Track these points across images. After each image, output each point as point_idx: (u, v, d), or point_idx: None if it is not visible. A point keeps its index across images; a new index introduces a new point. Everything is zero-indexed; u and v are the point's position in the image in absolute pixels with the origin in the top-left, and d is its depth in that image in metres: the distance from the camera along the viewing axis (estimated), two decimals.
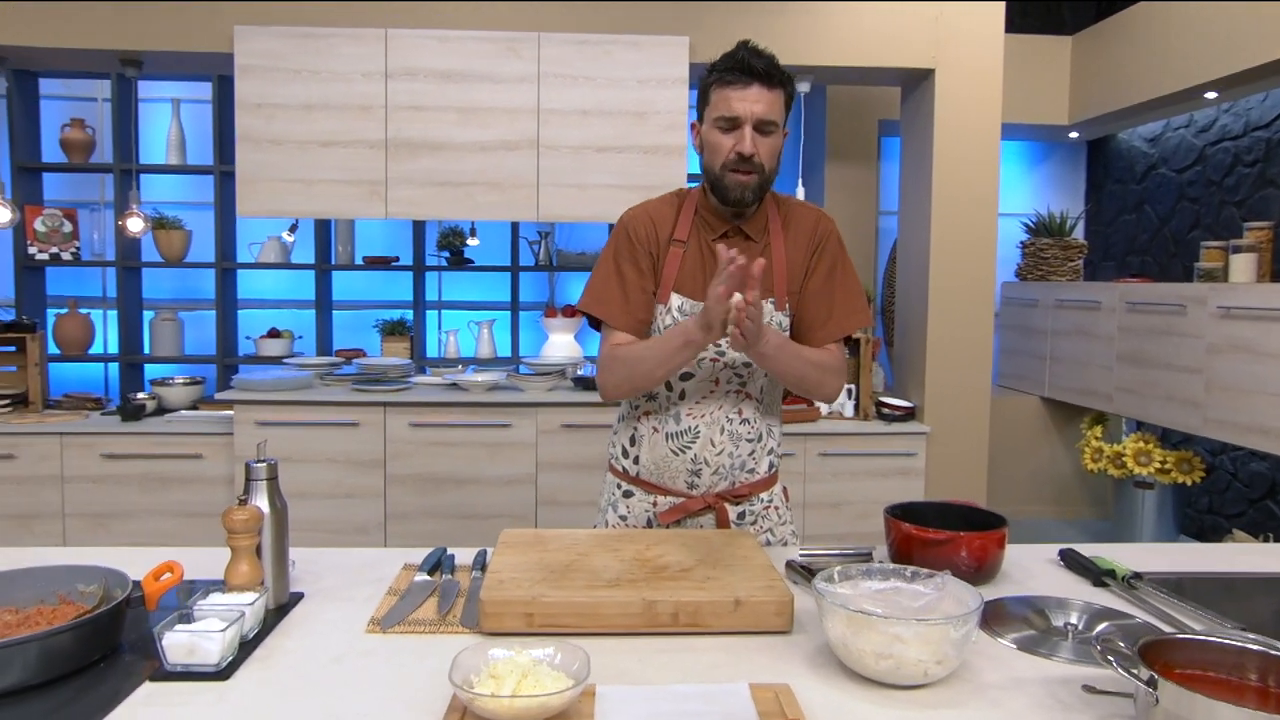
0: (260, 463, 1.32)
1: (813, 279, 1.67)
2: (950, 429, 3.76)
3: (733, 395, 1.66)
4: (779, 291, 1.65)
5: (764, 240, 1.66)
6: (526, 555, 1.41)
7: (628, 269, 1.65)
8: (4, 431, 3.46)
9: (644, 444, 1.69)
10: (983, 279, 3.72)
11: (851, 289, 1.70)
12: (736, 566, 1.38)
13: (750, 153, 1.53)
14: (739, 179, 1.56)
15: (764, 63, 1.52)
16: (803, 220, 1.69)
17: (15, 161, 4.38)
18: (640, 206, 1.72)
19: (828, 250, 1.69)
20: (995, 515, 1.56)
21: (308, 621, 1.28)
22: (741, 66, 1.52)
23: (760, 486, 1.74)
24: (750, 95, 1.52)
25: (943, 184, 3.67)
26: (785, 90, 1.56)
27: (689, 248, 1.65)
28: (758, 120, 1.53)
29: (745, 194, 1.57)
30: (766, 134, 1.55)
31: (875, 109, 4.60)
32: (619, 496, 1.74)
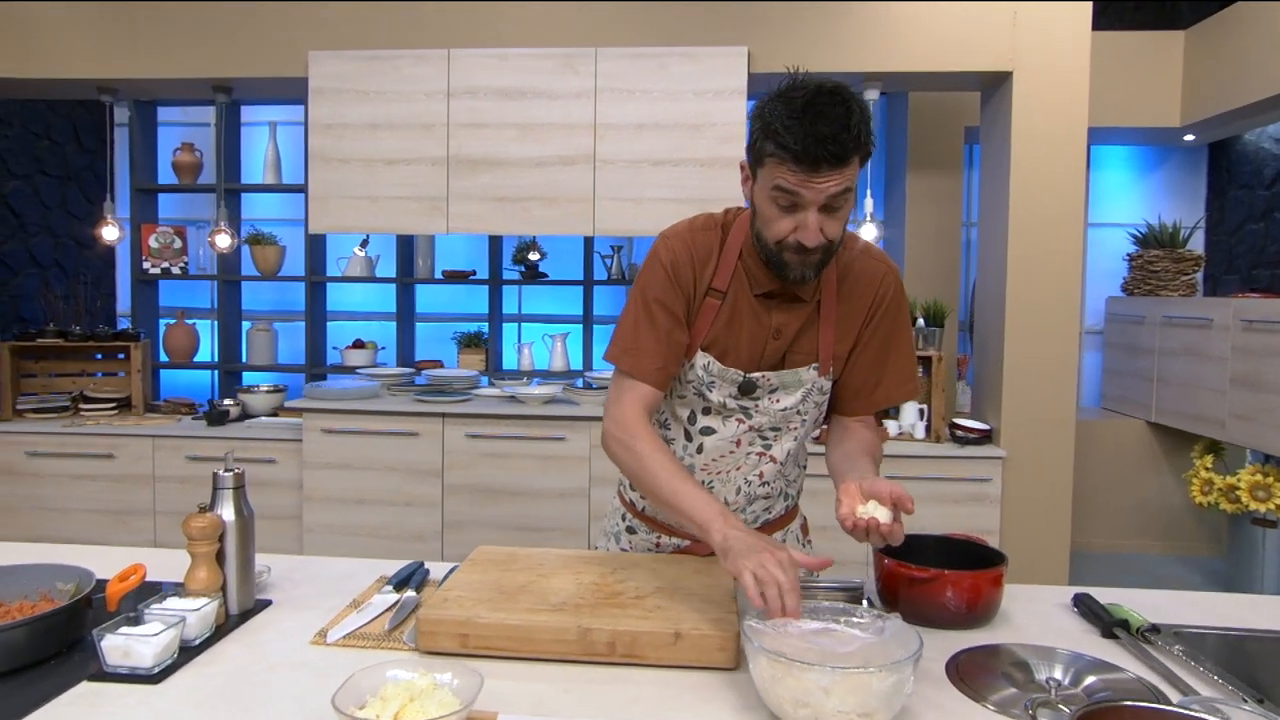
0: (227, 472, 1.35)
1: (866, 348, 1.46)
2: (1030, 454, 3.51)
3: (754, 458, 1.51)
4: (824, 358, 1.44)
5: (814, 298, 1.42)
6: (486, 574, 1.40)
7: (663, 318, 1.41)
8: (105, 433, 3.75)
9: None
10: (1067, 294, 3.47)
11: (904, 357, 1.49)
12: (696, 596, 1.32)
13: (818, 244, 1.26)
14: (799, 260, 1.30)
15: (833, 147, 1.18)
16: (863, 278, 1.44)
17: (134, 183, 4.75)
18: (680, 237, 1.45)
19: (887, 315, 1.46)
20: (996, 552, 1.44)
21: (263, 630, 1.30)
22: (806, 156, 1.19)
23: (774, 526, 1.64)
24: (819, 178, 1.21)
25: (1022, 193, 3.45)
26: (862, 154, 1.23)
27: (726, 300, 1.42)
28: (831, 198, 1.23)
29: (807, 275, 1.32)
30: (837, 209, 1.26)
31: (961, 115, 4.39)
32: (622, 529, 1.66)
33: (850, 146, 1.20)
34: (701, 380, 1.45)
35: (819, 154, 1.19)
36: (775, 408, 1.46)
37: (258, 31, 3.63)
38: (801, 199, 1.24)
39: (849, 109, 1.20)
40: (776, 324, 1.43)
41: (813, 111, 1.19)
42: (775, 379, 1.44)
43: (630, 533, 1.65)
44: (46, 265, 5.00)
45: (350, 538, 3.59)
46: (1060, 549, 3.53)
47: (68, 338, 4.05)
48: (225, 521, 1.34)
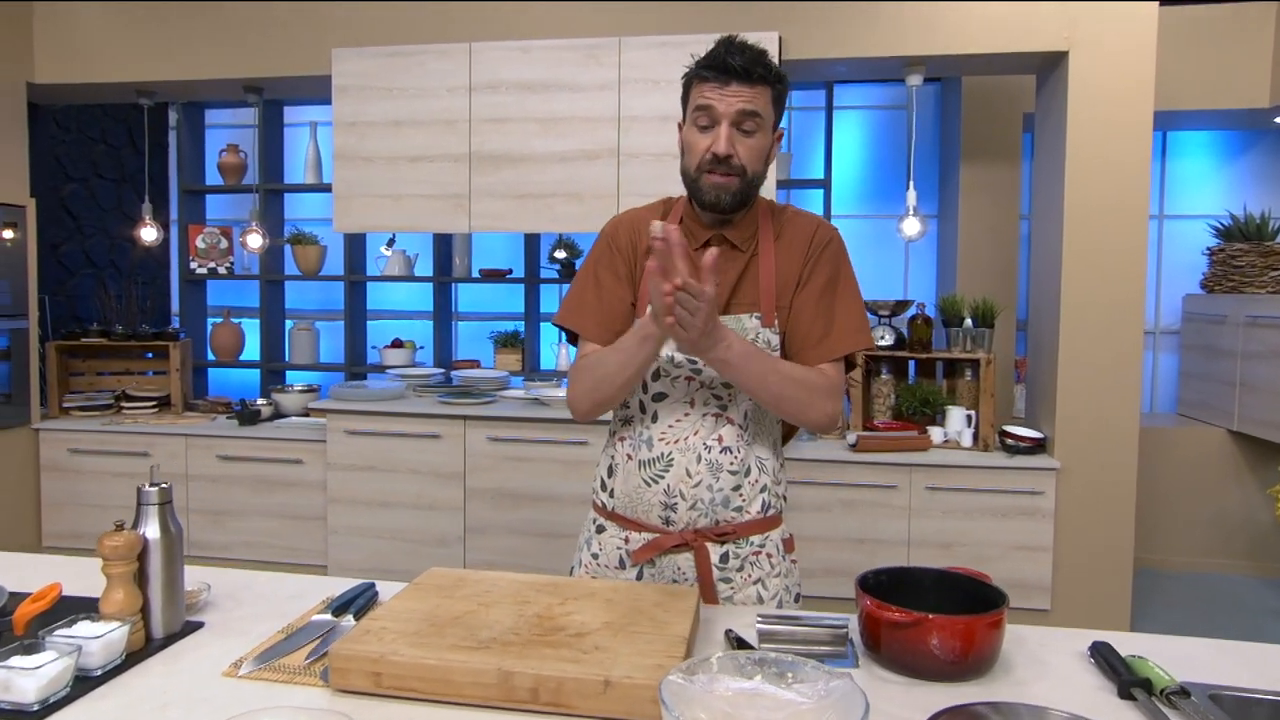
0: (151, 487, 1.28)
1: (806, 289, 1.48)
2: (1087, 466, 3.25)
3: (710, 419, 1.47)
4: (765, 306, 1.47)
5: (751, 249, 1.49)
6: (423, 601, 1.29)
7: (606, 277, 1.54)
8: (142, 431, 3.80)
9: (619, 474, 1.53)
10: (1130, 292, 3.18)
11: (851, 305, 1.51)
12: (645, 635, 1.18)
13: (726, 152, 1.38)
14: (715, 180, 1.41)
15: (744, 59, 1.36)
16: (798, 229, 1.52)
17: (181, 185, 4.84)
18: (624, 214, 1.60)
19: (825, 259, 1.50)
20: (998, 592, 1.26)
21: (181, 657, 1.22)
22: (718, 64, 1.37)
23: (751, 529, 1.51)
24: (729, 90, 1.37)
25: (1079, 183, 3.18)
26: (773, 87, 1.40)
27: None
28: (737, 115, 1.38)
29: (722, 197, 1.41)
30: (748, 133, 1.40)
31: (1019, 100, 4.11)
32: (593, 532, 1.59)
33: (758, 67, 1.37)
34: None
35: (730, 64, 1.36)
36: None
37: (283, 31, 3.62)
38: (715, 112, 1.38)
39: (760, 50, 1.40)
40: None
41: (728, 41, 1.39)
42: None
43: (600, 532, 1.57)
44: (102, 266, 5.14)
45: (374, 540, 3.55)
46: (1121, 569, 3.25)
47: (110, 337, 4.13)
48: (148, 540, 1.26)
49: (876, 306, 3.66)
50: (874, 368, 3.65)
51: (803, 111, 4.66)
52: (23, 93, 3.80)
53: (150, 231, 4.06)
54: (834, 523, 3.36)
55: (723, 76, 1.37)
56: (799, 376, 1.42)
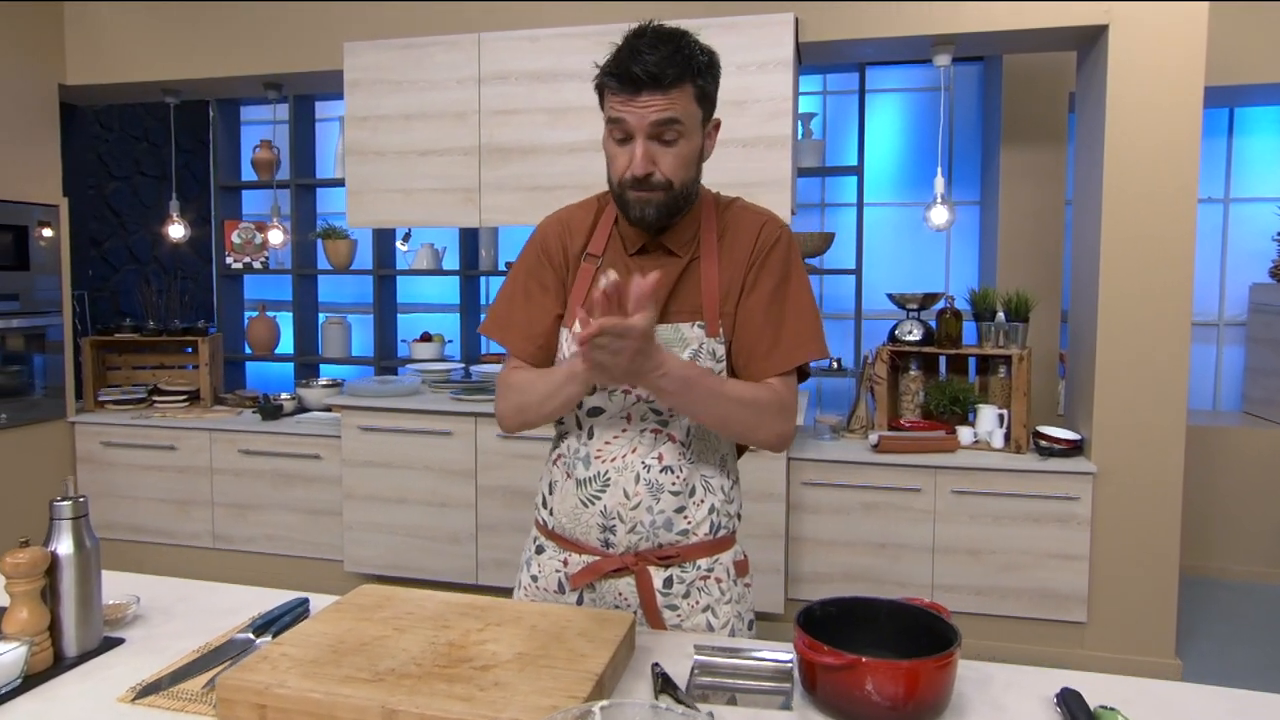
0: (64, 501, 1.24)
1: (751, 296, 1.36)
2: (1127, 470, 3.03)
3: (649, 436, 1.37)
4: (709, 314, 1.35)
5: (691, 254, 1.37)
6: (336, 624, 1.23)
7: (533, 288, 1.43)
8: (169, 425, 3.87)
9: (557, 492, 1.44)
10: (1175, 283, 2.95)
11: (803, 312, 1.38)
12: (554, 669, 1.10)
13: (643, 172, 1.26)
14: (638, 197, 1.29)
15: (652, 63, 1.21)
16: (741, 229, 1.39)
17: (217, 182, 4.92)
18: (557, 214, 1.48)
19: (772, 263, 1.37)
20: (950, 629, 1.13)
21: (87, 678, 1.18)
22: (623, 74, 1.23)
23: (698, 551, 1.40)
24: (639, 102, 1.23)
25: (1119, 166, 2.96)
26: (694, 84, 1.25)
27: (603, 264, 1.39)
28: (651, 128, 1.24)
29: (647, 213, 1.30)
30: (669, 142, 1.26)
31: (1062, 79, 3.87)
32: (533, 552, 1.50)
33: (669, 69, 1.21)
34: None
35: (635, 73, 1.21)
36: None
37: (298, 26, 3.62)
38: (628, 125, 1.25)
39: (671, 39, 1.24)
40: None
41: (637, 39, 1.24)
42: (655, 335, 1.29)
43: (539, 552, 1.48)
44: (145, 261, 5.27)
45: (389, 537, 3.55)
46: (1164, 580, 3.04)
47: (142, 332, 4.22)
48: (59, 556, 1.23)
49: (904, 299, 3.48)
50: (901, 364, 3.49)
51: (835, 96, 4.48)
52: (55, 94, 3.89)
53: (178, 228, 4.12)
54: (854, 526, 3.22)
55: (629, 87, 1.23)
56: (746, 398, 1.31)
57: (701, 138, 1.32)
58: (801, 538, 3.26)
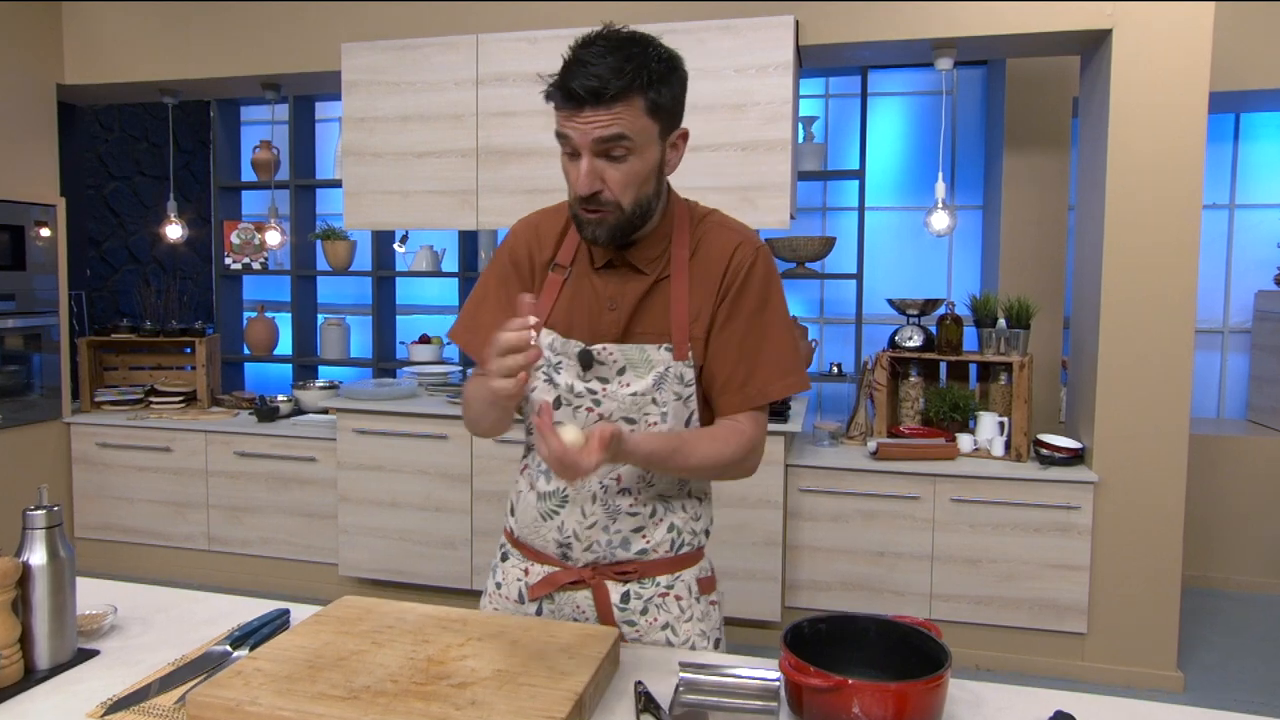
0: (37, 510, 1.22)
1: (726, 328, 1.30)
2: (1129, 479, 3.00)
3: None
4: (677, 337, 1.29)
5: (659, 272, 1.30)
6: (315, 637, 1.20)
7: (502, 296, 1.39)
8: (165, 426, 3.85)
9: (521, 502, 1.42)
10: (1179, 290, 2.92)
11: (780, 343, 1.32)
12: (533, 688, 1.07)
13: (587, 191, 1.19)
14: (589, 216, 1.23)
15: (594, 77, 1.13)
16: (714, 249, 1.31)
17: (216, 182, 4.91)
18: (524, 221, 1.44)
19: (748, 290, 1.30)
20: (940, 649, 1.10)
21: (57, 692, 1.16)
22: (562, 91, 1.17)
23: (657, 568, 1.36)
24: (582, 117, 1.16)
25: (1122, 172, 2.92)
26: (645, 95, 1.17)
27: (571, 274, 1.35)
28: (596, 145, 1.17)
29: (598, 234, 1.23)
30: (618, 159, 1.19)
31: (1066, 83, 3.83)
32: (499, 559, 1.48)
33: (613, 82, 1.13)
34: (548, 361, 1.33)
35: (575, 87, 1.14)
36: (624, 392, 1.30)
37: (296, 27, 3.60)
38: (572, 142, 1.19)
39: (621, 48, 1.16)
40: (611, 294, 1.31)
41: (584, 49, 1.17)
42: (618, 353, 1.30)
43: (504, 560, 1.46)
44: (145, 261, 5.26)
45: (383, 540, 3.52)
46: (1166, 591, 3.00)
47: (139, 333, 4.20)
48: (31, 567, 1.20)
49: (905, 305, 3.45)
50: (901, 370, 3.45)
51: (837, 99, 4.45)
52: (53, 94, 3.87)
53: (176, 229, 4.11)
54: (852, 534, 3.18)
55: (571, 103, 1.16)
56: (709, 463, 1.27)
57: (659, 151, 1.23)
58: (799, 545, 3.23)
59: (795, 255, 3.81)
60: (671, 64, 1.21)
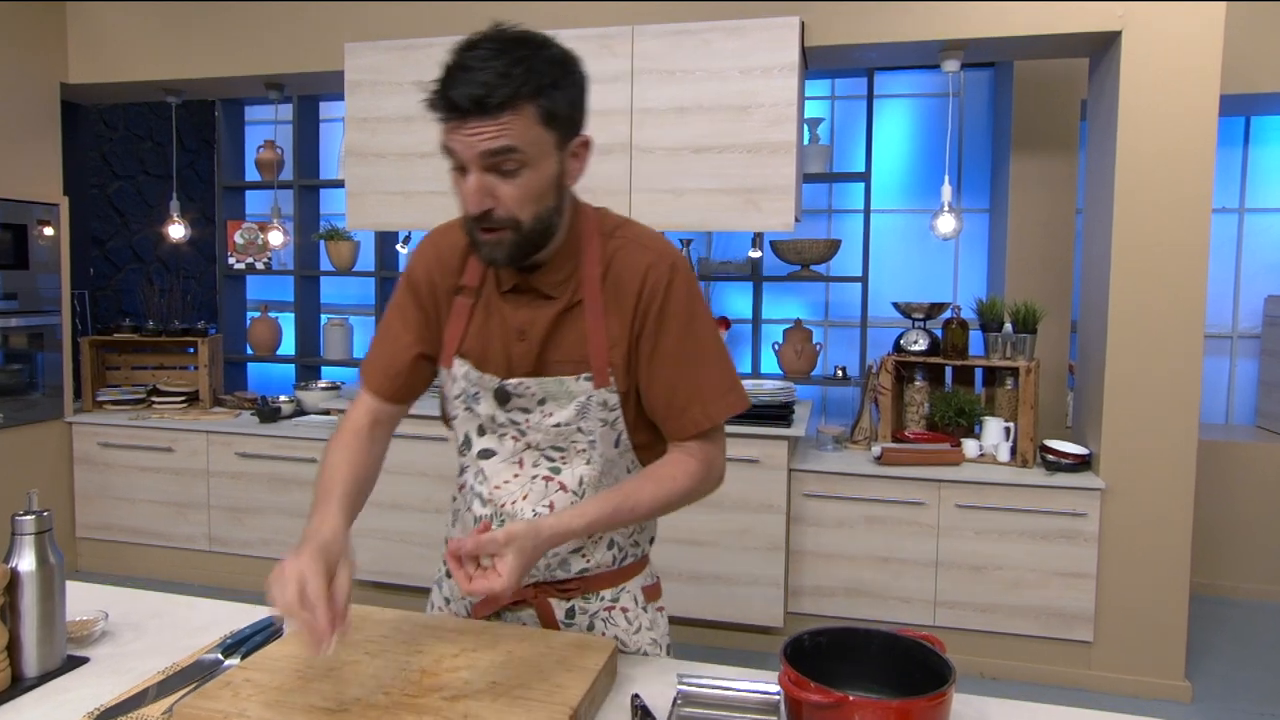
0: (26, 515, 1.20)
1: (655, 357, 1.21)
2: (1137, 486, 2.97)
3: (541, 483, 1.26)
4: (596, 365, 1.20)
5: (570, 296, 1.21)
6: None
7: (396, 322, 1.31)
8: (166, 426, 3.84)
9: (459, 522, 1.38)
10: (1189, 295, 2.89)
11: (713, 361, 1.23)
12: (528, 701, 1.05)
13: (479, 210, 1.09)
14: (485, 237, 1.12)
15: (478, 85, 1.02)
16: (626, 270, 1.20)
17: (220, 181, 4.90)
18: (428, 238, 1.32)
19: (669, 313, 1.20)
20: (944, 664, 1.08)
21: (45, 701, 1.14)
22: (443, 101, 1.05)
23: (600, 582, 1.31)
24: (467, 129, 1.05)
25: (1130, 175, 2.89)
26: (537, 103, 1.06)
27: (480, 300, 1.25)
28: (482, 159, 1.06)
29: (496, 256, 1.13)
30: (509, 173, 1.08)
31: (1074, 86, 3.80)
32: (443, 574, 1.42)
33: (498, 90, 1.02)
34: (466, 392, 1.27)
35: (456, 96, 1.03)
36: (548, 423, 1.23)
37: (300, 27, 3.59)
38: (458, 156, 1.08)
39: (508, 50, 1.05)
40: (520, 323, 1.23)
41: (467, 53, 1.06)
42: (535, 386, 1.22)
43: (448, 576, 1.41)
44: (149, 261, 5.26)
45: (384, 542, 3.51)
46: (1174, 599, 2.97)
47: (141, 332, 4.20)
48: (20, 573, 1.18)
49: (910, 309, 3.42)
50: (906, 374, 3.43)
51: (843, 101, 4.42)
52: (56, 93, 3.87)
53: (179, 228, 4.10)
54: (856, 540, 3.16)
55: (454, 114, 1.05)
56: (662, 497, 1.20)
57: (558, 162, 1.12)
58: (802, 551, 3.21)
59: (800, 258, 3.78)
60: (566, 66, 1.10)
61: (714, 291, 4.42)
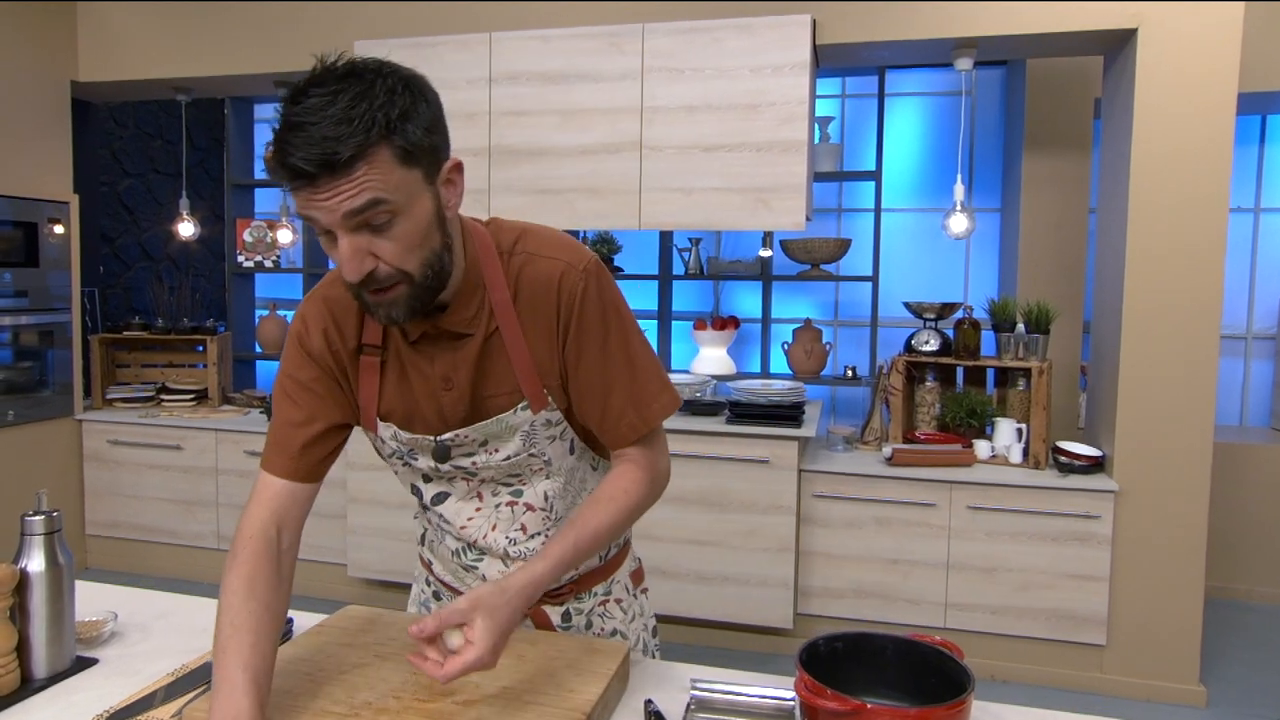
0: (36, 515, 1.19)
1: (582, 365, 1.14)
2: (1151, 488, 2.94)
3: (507, 509, 1.21)
4: (530, 390, 1.14)
5: (485, 328, 1.12)
6: (319, 648, 1.18)
7: (295, 397, 1.15)
8: (175, 424, 3.84)
9: (434, 549, 1.33)
10: (1204, 295, 2.86)
11: (639, 365, 1.16)
12: (540, 706, 1.04)
13: (360, 276, 0.97)
14: (376, 299, 1.01)
15: (316, 146, 0.89)
16: (538, 285, 1.12)
17: (229, 179, 4.90)
18: (312, 298, 1.17)
19: (588, 320, 1.12)
20: (963, 671, 1.06)
21: (54, 703, 1.13)
22: (285, 170, 0.91)
23: (590, 580, 1.30)
24: (321, 193, 0.91)
25: (1146, 174, 2.86)
26: (391, 143, 0.92)
27: (388, 355, 1.16)
28: (349, 217, 0.93)
29: (395, 315, 1.02)
30: (381, 226, 0.95)
31: (1088, 83, 3.76)
32: (429, 595, 1.39)
33: (344, 144, 0.88)
34: (398, 451, 1.19)
35: (295, 164, 0.89)
36: (496, 459, 1.17)
37: (309, 25, 3.59)
38: (320, 223, 0.95)
39: (342, 91, 0.90)
40: (442, 372, 1.13)
41: (294, 110, 0.90)
42: (475, 433, 1.15)
43: (436, 599, 1.38)
44: (158, 259, 5.27)
45: (393, 542, 3.50)
46: (1189, 603, 2.94)
47: (150, 330, 4.20)
48: (29, 574, 1.18)
49: (922, 309, 3.40)
50: (917, 374, 3.40)
51: (854, 99, 4.39)
52: (67, 91, 3.88)
53: (188, 226, 4.11)
54: (866, 541, 3.14)
55: (299, 182, 0.91)
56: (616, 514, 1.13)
57: (433, 198, 0.99)
58: (812, 552, 3.19)
59: (810, 257, 3.76)
60: (411, 89, 0.96)
61: (723, 290, 4.41)
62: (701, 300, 4.49)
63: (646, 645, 1.36)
